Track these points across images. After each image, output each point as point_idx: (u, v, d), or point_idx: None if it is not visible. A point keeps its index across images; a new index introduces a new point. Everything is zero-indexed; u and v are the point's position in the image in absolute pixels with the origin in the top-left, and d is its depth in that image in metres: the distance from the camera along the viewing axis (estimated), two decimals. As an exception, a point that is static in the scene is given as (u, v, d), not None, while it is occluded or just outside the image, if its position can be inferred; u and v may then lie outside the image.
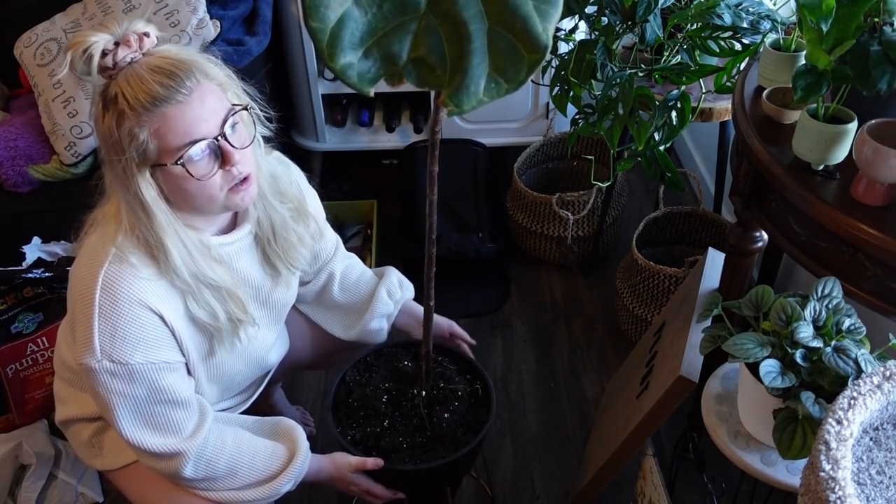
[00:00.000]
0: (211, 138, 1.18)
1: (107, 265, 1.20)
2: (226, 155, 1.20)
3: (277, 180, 1.38)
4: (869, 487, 1.03)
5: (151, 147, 1.15)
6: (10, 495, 1.81)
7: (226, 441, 1.33)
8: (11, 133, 2.11)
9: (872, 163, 1.12)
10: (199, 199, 1.21)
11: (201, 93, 1.16)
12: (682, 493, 1.79)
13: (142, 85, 1.12)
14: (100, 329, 1.19)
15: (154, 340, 1.23)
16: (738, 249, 1.55)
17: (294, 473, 1.37)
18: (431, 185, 1.19)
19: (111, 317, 1.19)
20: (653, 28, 1.63)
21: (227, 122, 1.20)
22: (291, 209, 1.42)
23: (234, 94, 1.25)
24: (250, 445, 1.36)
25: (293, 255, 1.43)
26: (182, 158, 1.16)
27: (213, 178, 1.20)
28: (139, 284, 1.20)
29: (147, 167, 1.17)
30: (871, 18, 1.15)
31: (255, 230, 1.37)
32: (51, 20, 2.23)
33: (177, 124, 1.14)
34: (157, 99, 1.12)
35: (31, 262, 1.94)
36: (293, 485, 1.38)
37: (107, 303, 1.19)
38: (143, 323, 1.21)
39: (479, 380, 1.56)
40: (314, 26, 0.86)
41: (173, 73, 1.14)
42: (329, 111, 2.73)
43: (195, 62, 1.17)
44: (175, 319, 1.24)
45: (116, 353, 1.20)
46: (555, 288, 2.47)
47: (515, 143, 2.68)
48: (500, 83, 0.88)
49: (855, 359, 1.15)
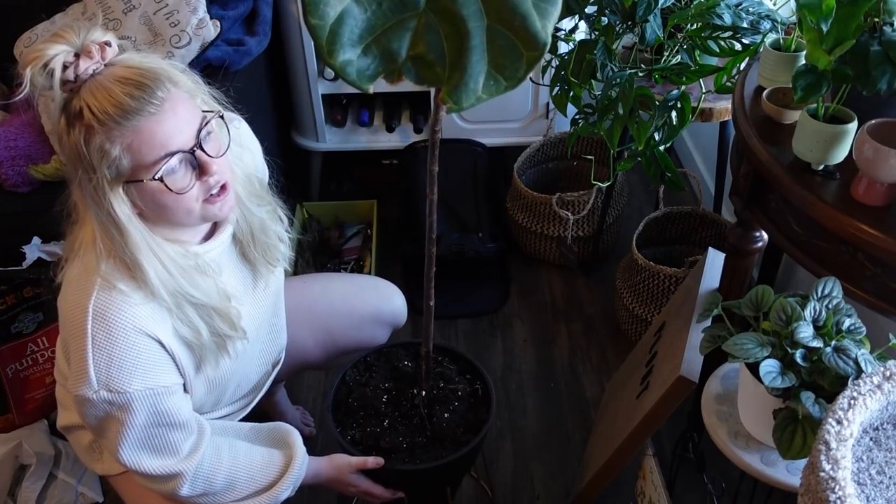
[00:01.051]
0: (187, 150, 1.13)
1: (95, 295, 1.15)
2: (203, 166, 1.16)
3: (250, 180, 1.34)
4: (869, 487, 1.03)
5: (125, 163, 1.09)
6: (10, 495, 1.81)
7: (222, 455, 1.31)
8: (11, 133, 2.11)
9: (872, 163, 1.12)
10: (176, 213, 1.17)
11: (173, 102, 1.11)
12: (682, 493, 1.79)
13: (110, 98, 1.06)
14: (94, 360, 1.15)
15: (151, 366, 1.19)
16: (738, 249, 1.55)
17: (292, 480, 1.35)
18: (431, 184, 1.19)
19: (105, 346, 1.15)
20: (653, 28, 1.63)
21: (202, 132, 1.15)
22: (269, 211, 1.38)
23: (203, 100, 1.20)
24: (247, 456, 1.34)
25: (273, 253, 1.40)
26: (159, 173, 1.11)
27: (191, 191, 1.16)
28: (132, 310, 1.16)
29: (120, 184, 1.11)
30: (871, 18, 1.15)
31: (234, 230, 1.34)
32: (51, 20, 2.23)
33: (152, 137, 1.09)
34: (127, 112, 1.07)
35: (31, 262, 1.94)
36: (292, 490, 1.37)
37: (100, 333, 1.15)
38: (139, 349, 1.17)
39: (479, 379, 1.57)
40: (314, 23, 0.86)
41: (142, 83, 1.08)
42: (329, 111, 2.72)
43: (162, 70, 1.12)
44: (170, 339, 1.21)
45: (114, 383, 1.16)
46: (555, 288, 2.47)
47: (515, 143, 2.68)
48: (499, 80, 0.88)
49: (855, 359, 1.15)
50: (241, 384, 1.47)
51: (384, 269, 2.46)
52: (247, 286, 1.40)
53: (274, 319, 1.52)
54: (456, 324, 2.35)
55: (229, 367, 1.36)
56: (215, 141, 1.19)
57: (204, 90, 1.21)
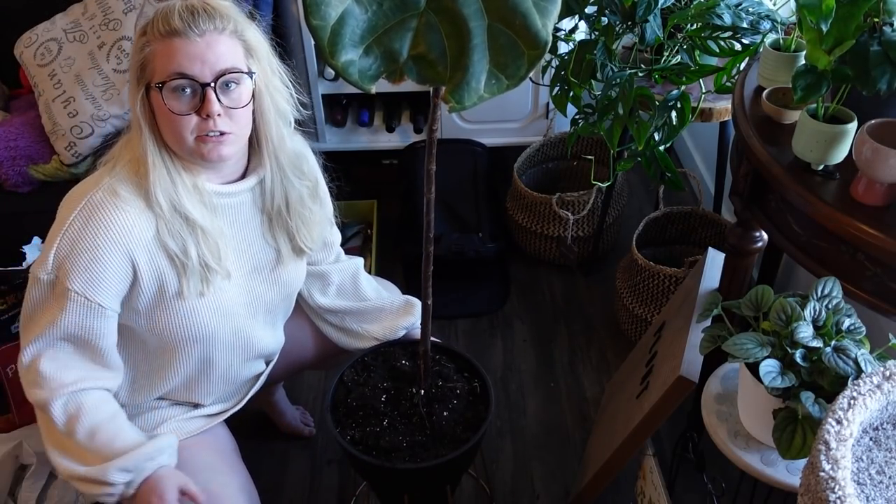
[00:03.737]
0: (198, 82, 1.20)
1: (94, 193, 1.23)
2: (205, 103, 1.21)
3: (299, 158, 1.41)
4: (869, 487, 1.03)
5: (149, 67, 1.21)
6: (10, 495, 1.81)
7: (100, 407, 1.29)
8: (11, 133, 2.11)
9: (872, 163, 1.12)
10: (169, 134, 1.24)
11: (214, 40, 1.20)
12: (682, 493, 1.79)
13: (167, 14, 1.19)
14: (60, 243, 1.22)
15: (102, 278, 1.23)
16: (738, 249, 1.55)
17: (132, 459, 1.26)
18: (429, 183, 1.20)
19: (77, 236, 1.22)
20: (653, 28, 1.63)
21: (223, 77, 1.22)
22: (309, 187, 1.43)
23: (260, 65, 1.27)
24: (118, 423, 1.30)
25: (305, 231, 1.44)
26: (163, 85, 1.20)
27: (185, 119, 1.22)
28: (120, 217, 1.23)
29: (142, 86, 1.22)
30: (871, 18, 1.15)
31: (258, 192, 1.37)
32: (51, 20, 2.23)
33: (175, 54, 1.19)
34: (171, 29, 1.18)
35: (30, 262, 1.94)
36: (124, 476, 1.25)
37: (78, 222, 1.22)
38: (102, 254, 1.22)
39: (478, 377, 1.57)
40: (315, 24, 0.86)
41: (198, 13, 1.19)
42: (329, 111, 2.73)
43: (228, 16, 1.23)
44: (147, 251, 1.25)
45: (62, 271, 1.22)
46: (555, 288, 2.47)
47: (515, 143, 2.68)
48: (501, 79, 0.88)
49: (855, 359, 1.15)
50: (228, 377, 1.47)
51: (384, 270, 2.46)
52: (266, 258, 1.43)
53: (276, 316, 1.52)
54: (456, 324, 2.35)
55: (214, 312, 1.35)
56: (237, 95, 1.25)
57: (269, 60, 1.29)
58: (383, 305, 1.63)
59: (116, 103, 2.07)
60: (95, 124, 2.07)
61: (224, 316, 1.38)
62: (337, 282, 1.61)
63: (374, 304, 1.63)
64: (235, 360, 1.46)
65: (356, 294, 1.63)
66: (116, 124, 2.08)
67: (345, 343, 1.64)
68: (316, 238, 1.48)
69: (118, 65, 2.09)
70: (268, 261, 1.44)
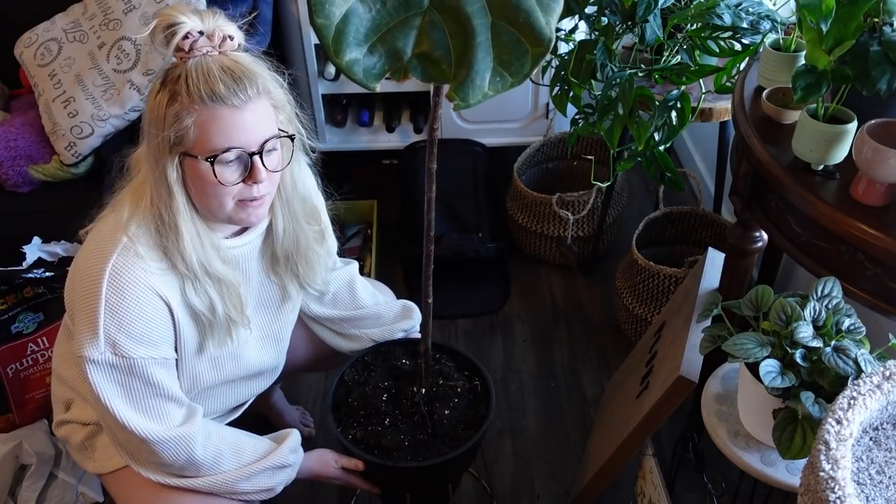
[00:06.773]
0: (248, 151, 1.19)
1: (114, 258, 1.20)
2: (254, 171, 1.21)
3: (308, 202, 1.41)
4: (869, 487, 1.03)
5: (191, 135, 1.16)
6: (11, 495, 1.81)
7: (210, 430, 1.35)
8: (11, 133, 2.11)
9: (872, 163, 1.13)
10: (211, 200, 1.22)
11: (256, 105, 1.18)
12: (682, 493, 1.80)
13: (207, 78, 1.15)
14: (105, 321, 1.20)
15: (157, 336, 1.24)
16: (738, 249, 1.55)
17: (285, 451, 1.38)
18: (429, 182, 1.20)
19: (117, 308, 1.20)
20: (653, 28, 1.63)
21: (269, 143, 1.21)
22: (317, 231, 1.44)
23: (286, 118, 1.27)
24: (235, 434, 1.38)
25: (311, 275, 1.45)
26: (214, 158, 1.17)
27: (232, 188, 1.21)
28: (146, 276, 1.21)
29: (179, 152, 1.18)
30: (871, 18, 1.15)
31: (265, 237, 1.38)
32: (51, 20, 2.23)
33: (223, 125, 1.16)
34: (215, 95, 1.15)
35: (31, 262, 1.94)
36: (289, 469, 1.40)
37: (113, 295, 1.20)
38: (149, 314, 1.22)
39: (478, 376, 1.57)
40: (319, 23, 0.86)
41: (239, 77, 1.16)
42: (329, 111, 2.73)
43: (262, 76, 1.20)
44: (177, 308, 1.26)
45: (120, 347, 1.20)
46: (555, 288, 2.48)
47: (515, 143, 2.68)
48: (505, 76, 0.88)
49: (855, 359, 1.16)
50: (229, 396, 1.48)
51: (384, 270, 2.47)
52: (272, 297, 1.45)
53: (281, 341, 1.53)
54: (456, 324, 2.35)
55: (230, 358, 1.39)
56: (277, 157, 1.25)
57: (291, 111, 1.28)
58: (381, 312, 1.63)
59: (116, 103, 2.07)
60: (95, 124, 2.07)
61: (237, 360, 1.41)
62: (333, 290, 1.60)
63: (372, 311, 1.63)
64: (239, 386, 1.49)
65: (353, 302, 1.63)
66: (116, 124, 2.08)
67: (341, 346, 1.64)
68: (319, 280, 1.49)
69: (118, 65, 2.09)
70: (274, 298, 1.46)
